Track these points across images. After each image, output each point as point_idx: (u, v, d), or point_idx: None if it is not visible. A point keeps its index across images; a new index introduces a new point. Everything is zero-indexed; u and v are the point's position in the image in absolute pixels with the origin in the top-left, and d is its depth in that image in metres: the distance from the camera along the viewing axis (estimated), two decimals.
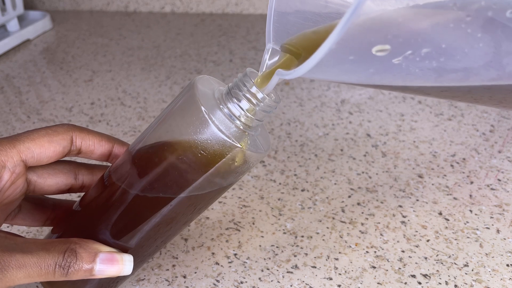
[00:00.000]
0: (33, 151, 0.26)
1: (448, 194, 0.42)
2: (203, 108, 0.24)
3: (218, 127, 0.24)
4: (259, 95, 0.24)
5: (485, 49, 0.21)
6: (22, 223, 0.30)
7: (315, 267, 0.34)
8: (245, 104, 0.24)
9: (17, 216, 0.29)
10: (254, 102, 0.24)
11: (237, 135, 0.24)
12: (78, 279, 0.24)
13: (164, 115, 0.26)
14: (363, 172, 0.45)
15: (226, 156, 0.24)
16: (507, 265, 0.34)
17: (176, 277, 0.34)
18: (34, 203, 0.30)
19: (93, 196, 0.28)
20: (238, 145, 0.24)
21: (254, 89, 0.24)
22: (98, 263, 0.24)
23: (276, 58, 0.25)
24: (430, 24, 0.19)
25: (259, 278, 0.34)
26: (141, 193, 0.26)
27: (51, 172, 0.29)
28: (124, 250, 0.27)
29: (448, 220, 0.39)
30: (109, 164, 0.30)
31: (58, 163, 0.29)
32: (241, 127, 0.25)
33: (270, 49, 0.25)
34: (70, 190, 0.30)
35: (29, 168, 0.28)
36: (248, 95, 0.24)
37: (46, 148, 0.26)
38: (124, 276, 0.30)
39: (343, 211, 0.40)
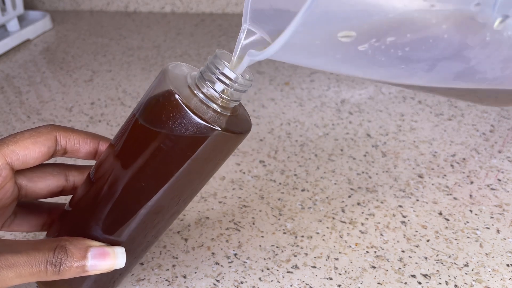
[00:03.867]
0: (18, 153, 0.26)
1: (448, 194, 0.42)
2: (177, 96, 0.24)
3: (194, 112, 0.23)
4: (232, 76, 0.24)
5: (450, 41, 0.21)
6: (19, 230, 0.30)
7: (315, 267, 0.34)
8: (219, 86, 0.24)
9: (13, 222, 0.29)
10: (228, 83, 0.24)
11: (215, 118, 0.24)
12: (72, 277, 0.24)
13: (140, 107, 0.26)
14: (363, 172, 0.45)
15: (206, 141, 0.24)
16: (507, 265, 0.34)
17: (176, 277, 0.34)
18: (29, 209, 0.30)
19: (81, 194, 0.28)
20: (218, 128, 0.24)
21: (226, 71, 0.24)
22: (89, 259, 0.24)
23: (252, 38, 0.24)
24: (395, 13, 0.19)
25: (259, 278, 0.34)
26: (126, 185, 0.26)
27: (40, 175, 0.28)
28: (116, 245, 0.27)
29: (448, 220, 0.39)
30: None
31: (47, 166, 0.29)
32: (219, 110, 0.24)
33: (246, 30, 0.24)
34: (62, 192, 0.30)
35: (17, 172, 0.27)
36: (221, 77, 0.24)
37: (31, 150, 0.26)
38: (120, 274, 0.30)
39: (343, 211, 0.40)
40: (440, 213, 0.39)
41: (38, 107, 0.59)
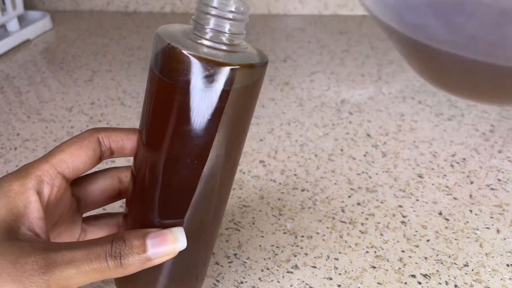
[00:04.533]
0: (66, 161, 0.26)
1: (448, 194, 0.42)
2: (185, 52, 0.22)
3: (207, 59, 0.22)
4: (228, 7, 0.23)
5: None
6: None
7: (315, 267, 0.34)
8: (218, 23, 0.23)
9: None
10: (227, 16, 0.23)
11: (229, 57, 0.23)
12: (137, 269, 0.23)
13: (151, 82, 0.25)
14: (363, 172, 0.45)
15: (231, 83, 0.23)
16: (507, 265, 0.34)
17: None
18: (97, 224, 0.30)
19: (130, 190, 0.27)
20: (236, 66, 0.22)
21: (218, 3, 0.23)
22: (149, 246, 0.23)
23: None
24: None
25: (259, 278, 0.34)
26: (165, 164, 0.25)
27: (94, 182, 0.28)
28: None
29: (448, 220, 0.39)
30: None
31: (98, 173, 0.29)
32: (229, 49, 0.23)
33: None
34: (119, 195, 0.30)
35: (72, 184, 0.28)
36: (216, 13, 0.23)
37: (77, 156, 0.26)
38: (198, 266, 0.28)
39: (343, 211, 0.40)
40: (440, 213, 0.39)
41: (38, 107, 0.59)
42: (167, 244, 0.24)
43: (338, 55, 0.71)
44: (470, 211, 0.40)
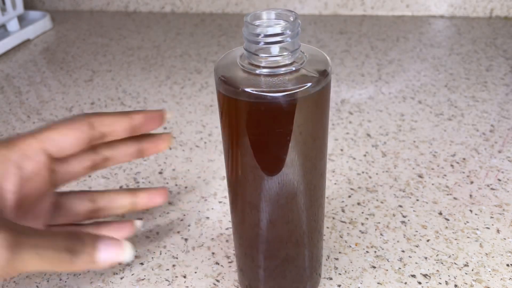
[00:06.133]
0: (54, 138, 0.26)
1: (448, 194, 0.42)
2: (249, 90, 0.21)
3: (267, 91, 0.21)
4: (277, 30, 0.21)
5: None
6: (65, 220, 0.30)
7: None
8: (271, 50, 0.22)
9: (57, 214, 0.30)
10: (279, 40, 0.21)
11: (296, 79, 0.22)
12: (83, 269, 0.24)
13: (225, 129, 0.25)
14: (363, 172, 0.45)
15: (295, 103, 0.21)
16: (507, 265, 0.34)
17: (176, 277, 0.34)
18: (70, 198, 0.31)
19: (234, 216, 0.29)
20: (298, 89, 0.21)
21: (268, 31, 0.21)
22: (99, 251, 0.24)
23: None
24: None
25: None
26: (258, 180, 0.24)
27: (73, 157, 0.28)
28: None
29: (448, 220, 0.39)
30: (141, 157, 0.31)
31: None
32: (289, 70, 0.22)
33: None
34: (94, 167, 0.30)
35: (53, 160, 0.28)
36: (268, 40, 0.21)
37: (65, 135, 0.26)
38: (309, 268, 0.30)
39: (343, 211, 0.40)
40: (440, 213, 0.39)
41: (38, 107, 0.59)
42: (115, 253, 0.25)
43: (338, 55, 0.71)
44: (470, 211, 0.40)
